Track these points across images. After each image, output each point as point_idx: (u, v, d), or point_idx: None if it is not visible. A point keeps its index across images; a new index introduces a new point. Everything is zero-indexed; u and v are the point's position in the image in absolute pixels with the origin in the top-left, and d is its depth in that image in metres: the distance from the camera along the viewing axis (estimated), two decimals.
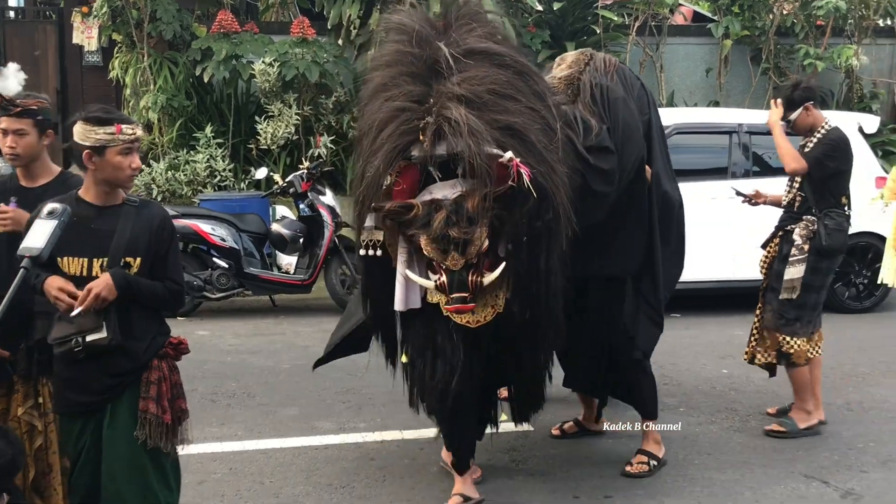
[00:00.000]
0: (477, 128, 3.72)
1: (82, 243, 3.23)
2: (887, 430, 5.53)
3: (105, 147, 3.21)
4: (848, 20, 12.07)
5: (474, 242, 3.77)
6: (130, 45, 11.19)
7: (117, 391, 3.30)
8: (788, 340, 5.41)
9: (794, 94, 5.47)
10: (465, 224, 3.75)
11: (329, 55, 10.80)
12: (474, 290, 3.83)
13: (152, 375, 3.33)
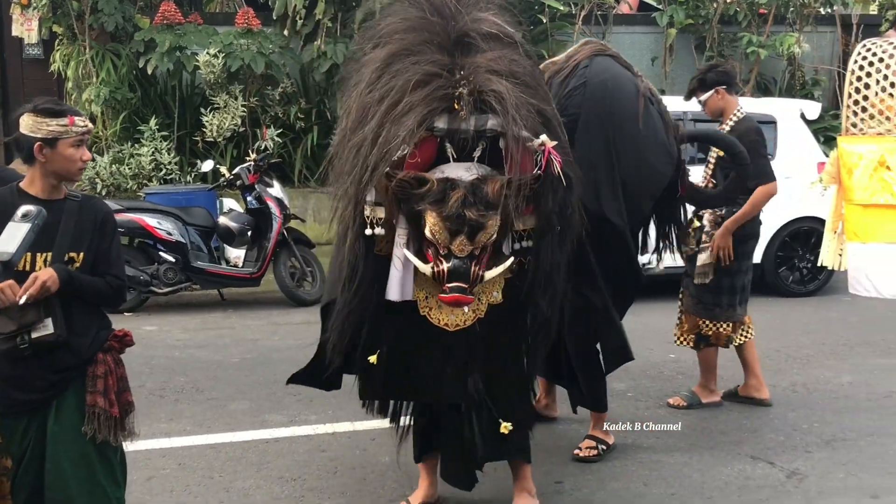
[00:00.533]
0: (522, 104, 3.53)
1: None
2: (831, 410, 5.64)
3: (57, 139, 3.18)
4: (790, 8, 12.23)
5: (486, 229, 3.53)
6: (72, 37, 11.01)
7: (62, 387, 3.25)
8: (707, 324, 5.55)
9: (706, 75, 5.58)
10: (482, 207, 3.50)
11: (275, 46, 10.72)
12: (474, 282, 3.56)
13: (98, 369, 3.29)
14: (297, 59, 11.09)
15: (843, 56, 12.90)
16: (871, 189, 3.63)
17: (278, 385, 6.13)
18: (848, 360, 6.68)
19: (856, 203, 3.71)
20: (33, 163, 3.23)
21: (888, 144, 3.55)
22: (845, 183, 3.74)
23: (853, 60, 3.57)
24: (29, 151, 3.21)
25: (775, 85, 12.60)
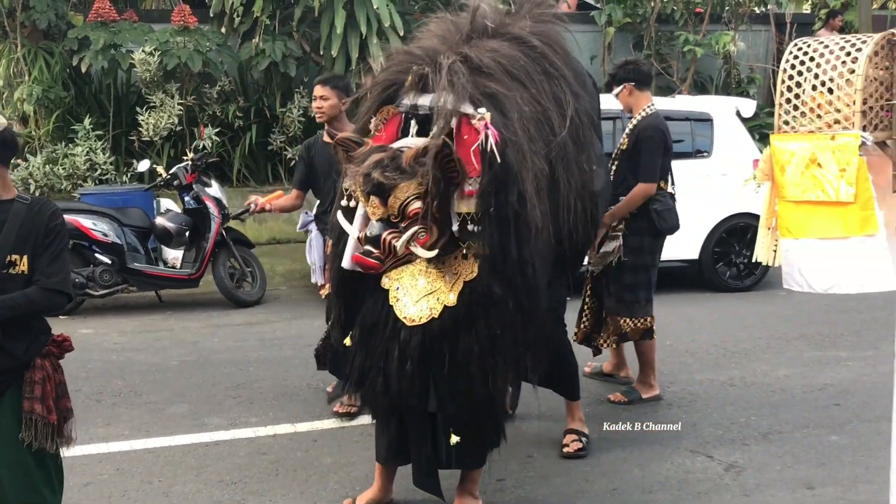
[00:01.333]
0: (459, 82, 3.68)
1: None
2: (767, 403, 5.73)
3: None
4: (725, 7, 12.44)
5: (396, 195, 3.60)
6: (2, 34, 10.76)
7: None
8: (627, 321, 5.65)
9: (618, 71, 5.78)
10: (392, 171, 3.60)
11: (212, 44, 10.59)
12: (385, 251, 3.64)
13: (36, 375, 3.23)
14: (234, 57, 10.98)
15: (778, 54, 13.14)
16: (802, 186, 3.68)
17: (218, 388, 6.09)
18: (784, 354, 6.80)
19: (788, 200, 3.76)
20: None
21: (819, 142, 3.60)
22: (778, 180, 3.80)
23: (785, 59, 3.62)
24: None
25: (712, 83, 12.79)
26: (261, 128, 11.03)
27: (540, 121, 3.96)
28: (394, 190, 3.61)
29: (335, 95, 5.54)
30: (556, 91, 4.09)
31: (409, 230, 3.65)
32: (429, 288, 3.83)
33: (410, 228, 3.65)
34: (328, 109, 5.55)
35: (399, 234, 3.65)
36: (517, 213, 3.72)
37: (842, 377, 6.21)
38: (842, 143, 3.57)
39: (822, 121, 3.57)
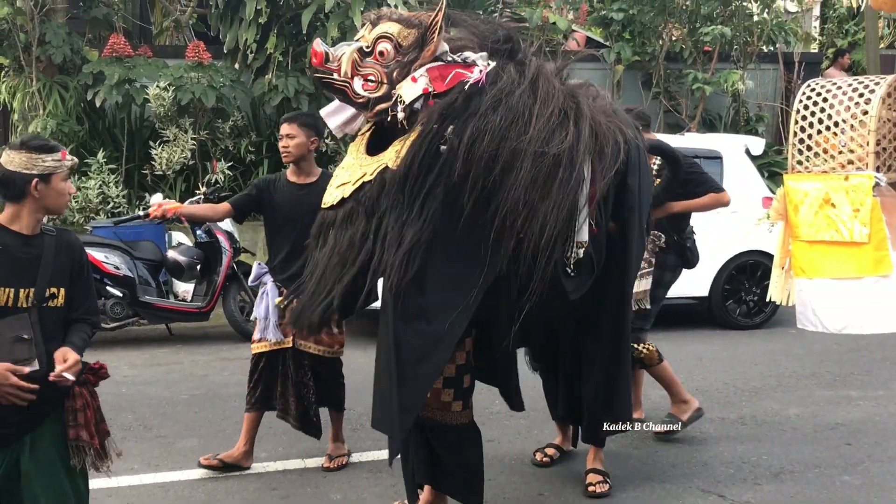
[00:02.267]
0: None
1: (8, 273, 3.21)
2: (779, 442, 5.71)
3: (52, 174, 3.26)
4: (733, 46, 12.51)
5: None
6: (18, 68, 10.87)
7: (36, 421, 3.27)
8: (637, 347, 5.62)
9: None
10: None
11: (225, 79, 10.68)
12: (333, 62, 3.80)
13: (77, 403, 3.33)
14: (247, 93, 11.07)
15: (786, 93, 13.22)
16: (816, 226, 3.72)
17: (228, 422, 6.08)
18: (795, 393, 6.78)
19: (802, 240, 3.79)
20: (22, 200, 3.26)
21: (833, 182, 3.64)
22: (791, 220, 3.83)
23: (798, 100, 3.66)
24: (19, 189, 3.23)
25: (720, 121, 12.84)
26: (272, 162, 11.08)
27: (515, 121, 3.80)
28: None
29: (303, 134, 5.15)
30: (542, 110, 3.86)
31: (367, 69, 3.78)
32: (346, 179, 3.90)
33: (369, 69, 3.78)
34: (294, 149, 5.15)
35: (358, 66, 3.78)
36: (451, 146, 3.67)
37: (853, 417, 6.19)
38: (855, 183, 3.60)
39: (836, 161, 3.60)
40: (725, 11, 12.54)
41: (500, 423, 5.99)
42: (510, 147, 3.65)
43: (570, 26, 12.00)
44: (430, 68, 3.76)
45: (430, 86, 3.71)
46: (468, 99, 3.69)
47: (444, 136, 3.66)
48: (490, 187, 3.67)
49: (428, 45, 3.80)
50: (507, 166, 3.65)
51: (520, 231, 3.68)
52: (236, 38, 10.79)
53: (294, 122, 5.19)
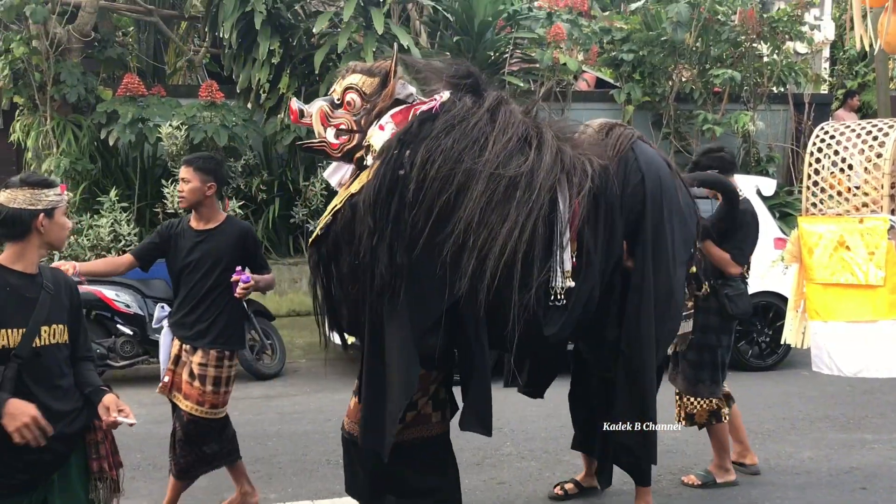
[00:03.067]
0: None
1: (23, 313, 3.22)
2: (793, 486, 5.64)
3: (54, 208, 3.31)
4: (743, 87, 12.55)
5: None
6: (33, 107, 10.96)
7: (65, 459, 3.32)
8: (692, 401, 5.56)
9: (700, 159, 5.65)
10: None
11: (238, 119, 10.75)
12: (305, 116, 4.14)
13: (98, 435, 3.41)
14: (260, 132, 11.14)
15: (796, 134, 13.24)
16: (831, 268, 3.70)
17: None
18: (808, 435, 6.71)
19: (817, 282, 3.77)
20: (27, 237, 3.27)
21: (847, 225, 3.62)
22: (806, 262, 3.81)
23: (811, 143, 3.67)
24: (23, 226, 3.25)
25: None
26: (284, 201, 11.14)
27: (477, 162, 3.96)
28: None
29: (198, 178, 4.83)
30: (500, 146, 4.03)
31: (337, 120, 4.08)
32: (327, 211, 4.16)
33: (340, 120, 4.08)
34: (189, 194, 4.85)
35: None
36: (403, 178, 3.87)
37: (868, 460, 6.12)
38: (870, 226, 3.59)
39: (850, 204, 3.60)
40: (735, 53, 12.60)
41: (511, 466, 5.94)
42: (464, 168, 3.83)
43: (580, 67, 12.07)
44: (395, 114, 4.04)
45: (396, 130, 3.98)
46: (421, 124, 3.93)
47: (402, 161, 3.89)
48: (446, 208, 3.83)
49: (386, 89, 4.09)
50: (462, 187, 3.83)
51: (479, 250, 3.78)
52: (249, 77, 10.87)
53: (190, 167, 4.89)
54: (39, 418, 3.11)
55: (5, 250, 3.31)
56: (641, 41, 12.48)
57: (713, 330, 5.48)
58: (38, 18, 10.18)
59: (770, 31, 12.38)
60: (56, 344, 3.30)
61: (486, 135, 3.92)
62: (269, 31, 10.60)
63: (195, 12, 12.16)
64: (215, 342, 4.86)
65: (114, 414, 3.26)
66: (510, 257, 3.80)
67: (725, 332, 5.54)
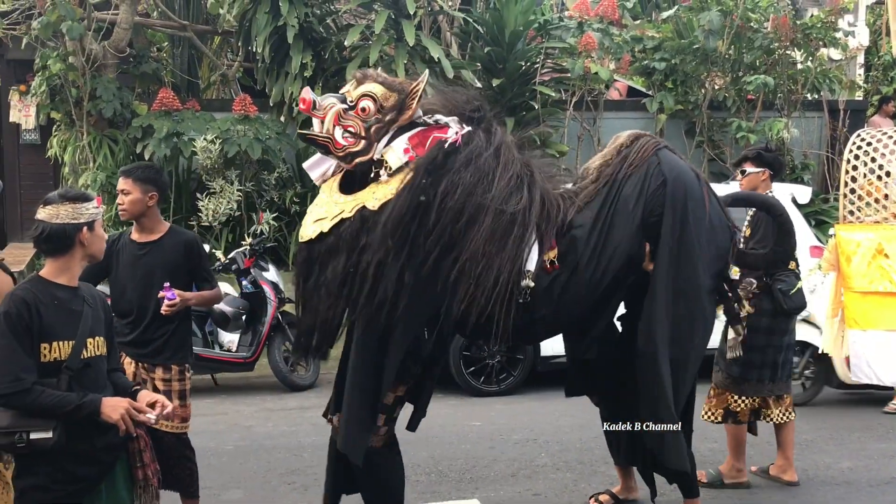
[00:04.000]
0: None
1: (71, 326, 3.28)
2: (833, 498, 5.58)
3: (94, 221, 3.37)
4: (777, 94, 12.45)
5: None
6: (69, 123, 11.12)
7: (110, 468, 3.38)
8: (737, 399, 5.56)
9: (765, 153, 5.76)
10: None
11: (271, 132, 10.83)
12: (317, 108, 4.25)
13: (140, 444, 3.48)
14: (292, 145, 11.20)
15: (831, 141, 13.10)
16: (869, 276, 3.66)
17: (272, 474, 6.08)
18: (847, 446, 6.64)
19: (855, 290, 3.73)
20: (70, 251, 3.33)
21: (885, 232, 3.58)
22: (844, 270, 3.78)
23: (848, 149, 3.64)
24: (69, 240, 3.31)
25: None
26: None
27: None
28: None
29: (138, 189, 4.64)
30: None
31: (350, 119, 4.18)
32: (322, 215, 4.24)
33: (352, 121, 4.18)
34: (129, 205, 4.66)
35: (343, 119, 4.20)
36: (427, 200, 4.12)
37: None
38: None
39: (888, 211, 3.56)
40: (768, 60, 12.51)
41: (546, 477, 5.92)
42: (475, 202, 4.15)
43: (611, 76, 12.02)
44: (412, 136, 4.22)
45: (413, 153, 4.19)
46: (446, 156, 4.17)
47: (426, 189, 4.11)
48: (453, 237, 4.14)
49: (406, 110, 4.24)
50: (472, 219, 4.15)
51: (478, 279, 4.12)
52: (282, 91, 10.96)
53: (129, 177, 4.70)
54: (132, 409, 3.28)
55: (47, 265, 3.36)
56: (673, 49, 12.42)
57: (763, 331, 5.51)
58: (74, 35, 10.33)
59: (804, 37, 12.28)
60: (99, 356, 3.37)
61: (493, 171, 4.24)
62: (301, 44, 10.69)
63: (228, 27, 12.28)
64: (174, 357, 4.73)
65: (148, 415, 3.35)
66: (504, 286, 4.15)
67: (777, 332, 5.55)
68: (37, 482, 3.24)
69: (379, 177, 4.20)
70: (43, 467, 3.23)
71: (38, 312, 3.20)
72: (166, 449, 4.58)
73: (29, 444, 3.16)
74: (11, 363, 3.14)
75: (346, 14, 11.76)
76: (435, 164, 4.15)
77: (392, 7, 10.70)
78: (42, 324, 3.19)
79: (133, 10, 11.27)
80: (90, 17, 10.87)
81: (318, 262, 4.24)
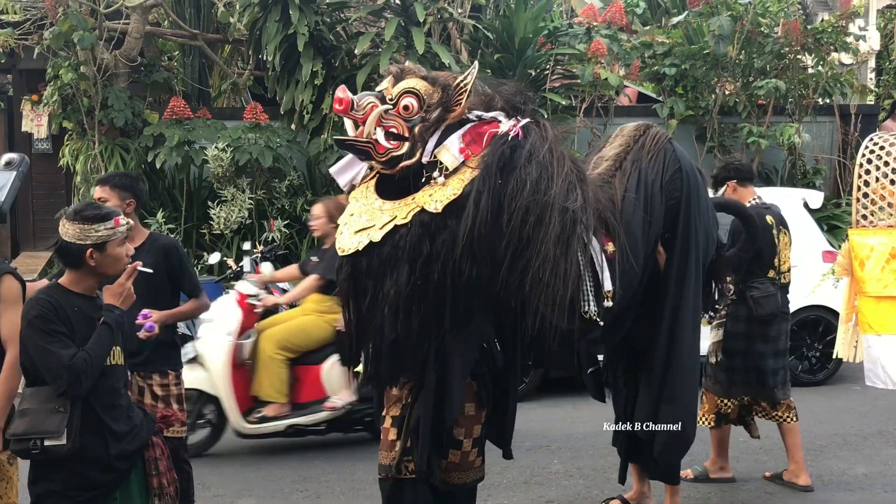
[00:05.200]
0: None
1: (90, 334, 3.30)
2: (848, 502, 5.55)
3: (106, 242, 3.34)
4: (788, 99, 12.42)
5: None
6: (81, 132, 11.15)
7: (125, 476, 3.39)
8: (725, 402, 5.70)
9: (719, 172, 6.00)
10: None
11: (282, 140, 10.85)
12: (356, 108, 3.80)
13: (155, 452, 3.49)
14: (304, 153, 11.23)
15: (843, 146, 13.06)
16: (883, 281, 3.64)
17: (285, 481, 6.08)
18: (861, 451, 6.60)
19: (869, 295, 3.72)
20: (80, 267, 3.35)
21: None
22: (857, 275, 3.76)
23: (861, 154, 3.63)
24: (76, 258, 3.32)
25: (777, 174, 12.72)
26: None
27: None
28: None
29: (116, 196, 4.65)
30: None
31: (391, 125, 3.77)
32: (365, 224, 3.81)
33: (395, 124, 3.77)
34: None
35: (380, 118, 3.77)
36: (493, 200, 3.68)
37: None
38: None
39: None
40: (779, 65, 12.48)
41: (558, 484, 5.91)
42: (540, 200, 3.70)
43: (621, 82, 12.02)
44: (464, 133, 3.81)
45: (469, 151, 3.78)
46: (513, 151, 3.75)
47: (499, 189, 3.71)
48: (522, 240, 3.69)
49: (454, 106, 3.83)
50: (539, 220, 3.69)
51: (552, 288, 3.67)
52: (293, 99, 10.98)
53: (106, 185, 4.72)
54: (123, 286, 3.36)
55: (66, 274, 3.39)
56: (683, 55, 12.41)
57: (741, 336, 5.65)
58: (85, 45, 10.37)
59: (814, 42, 12.25)
60: (116, 365, 3.38)
61: (552, 165, 3.82)
62: (311, 52, 10.71)
63: (239, 36, 12.31)
64: (167, 363, 4.72)
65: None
66: (574, 293, 3.79)
67: (757, 338, 5.65)
68: (52, 488, 3.26)
69: (432, 179, 3.78)
70: (58, 473, 3.24)
71: (66, 315, 3.23)
72: (175, 449, 4.47)
73: (43, 451, 3.18)
74: (59, 360, 3.17)
75: (357, 22, 11.77)
76: (504, 162, 3.73)
77: (402, 15, 10.71)
78: (69, 325, 3.22)
79: (144, 19, 11.32)
80: (101, 27, 10.91)
81: (371, 277, 3.79)
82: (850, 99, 13.21)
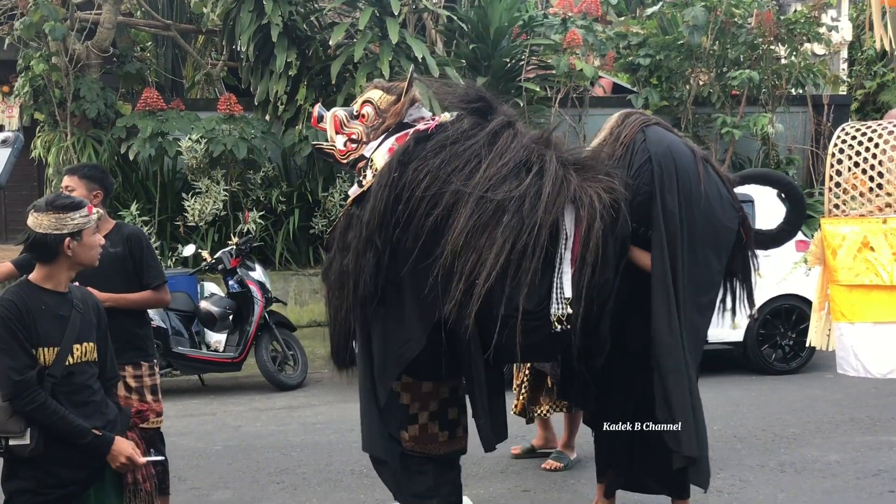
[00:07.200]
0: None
1: (58, 332, 3.27)
2: (820, 490, 5.59)
3: (82, 230, 3.31)
4: (762, 90, 12.51)
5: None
6: (53, 124, 11.06)
7: (99, 474, 3.36)
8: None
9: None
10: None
11: (256, 131, 10.81)
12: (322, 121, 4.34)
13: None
14: (278, 144, 11.19)
15: (815, 136, 13.17)
16: (855, 269, 3.68)
17: (261, 473, 6.06)
18: (834, 439, 6.66)
19: (841, 284, 3.75)
20: (55, 260, 3.30)
21: (870, 226, 3.61)
22: (830, 264, 3.79)
23: (833, 144, 3.65)
24: (52, 249, 3.27)
25: (750, 164, 12.81)
26: (303, 212, 11.18)
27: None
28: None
29: (83, 186, 4.62)
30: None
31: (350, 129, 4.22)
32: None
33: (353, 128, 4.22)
34: None
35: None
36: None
37: (895, 463, 6.07)
38: (894, 226, 3.57)
39: (873, 204, 3.58)
40: (753, 55, 12.56)
41: (535, 473, 5.93)
42: (452, 189, 3.87)
43: (596, 73, 12.05)
44: (400, 136, 4.13)
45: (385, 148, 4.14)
46: (416, 143, 4.03)
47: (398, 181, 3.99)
48: (435, 230, 3.88)
49: (395, 108, 4.21)
50: (449, 209, 3.87)
51: (468, 276, 3.81)
52: (267, 90, 10.93)
53: (74, 175, 4.69)
54: (133, 456, 3.33)
55: (36, 270, 3.34)
56: (658, 45, 12.46)
57: None
58: (57, 35, 10.28)
59: (787, 32, 12.34)
60: (87, 362, 3.34)
61: (479, 157, 3.94)
62: (285, 43, 10.66)
63: (212, 26, 12.24)
64: (140, 354, 4.72)
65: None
66: (495, 281, 3.81)
67: None
68: (25, 486, 3.23)
69: (366, 178, 4.17)
70: (30, 471, 3.22)
71: (31, 315, 3.18)
72: (151, 440, 4.57)
73: (8, 450, 3.16)
74: (14, 363, 3.14)
75: (331, 12, 11.74)
76: (406, 154, 4.00)
77: (376, 4, 10.68)
78: (32, 328, 3.18)
79: (116, 9, 11.22)
80: (73, 18, 10.81)
81: (329, 271, 4.29)
82: (823, 89, 13.32)
